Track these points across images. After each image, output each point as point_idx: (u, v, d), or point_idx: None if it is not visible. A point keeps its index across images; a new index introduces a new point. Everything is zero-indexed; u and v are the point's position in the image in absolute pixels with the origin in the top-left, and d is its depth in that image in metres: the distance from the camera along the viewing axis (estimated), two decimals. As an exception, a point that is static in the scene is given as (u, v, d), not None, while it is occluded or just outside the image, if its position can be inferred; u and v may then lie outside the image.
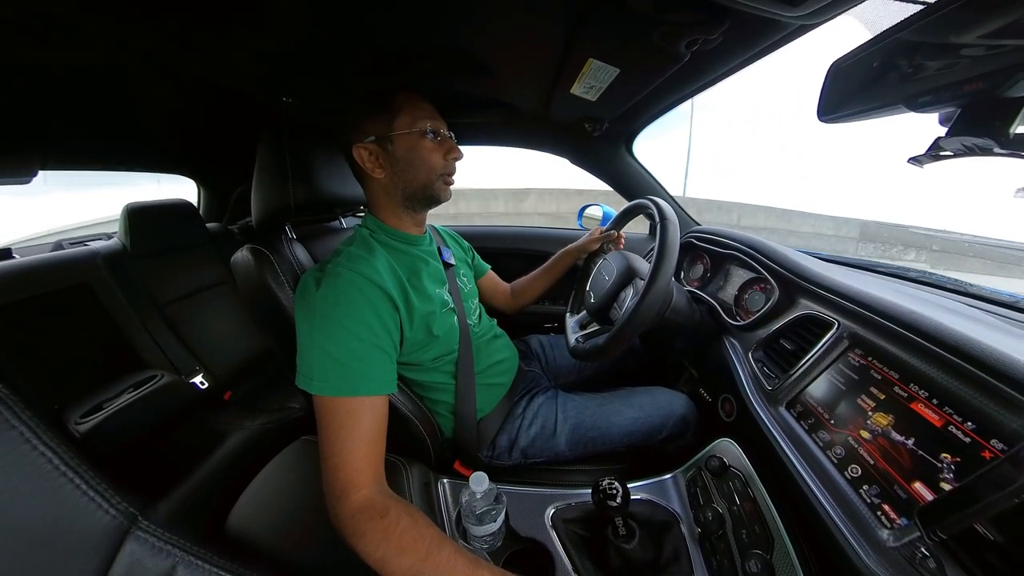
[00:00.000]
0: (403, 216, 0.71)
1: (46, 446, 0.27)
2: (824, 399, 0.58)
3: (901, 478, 0.44)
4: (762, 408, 0.65)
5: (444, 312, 0.69)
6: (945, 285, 0.79)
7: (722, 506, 0.59)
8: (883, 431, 0.48)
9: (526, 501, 0.65)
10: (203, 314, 1.33)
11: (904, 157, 0.45)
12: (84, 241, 1.36)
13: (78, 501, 0.28)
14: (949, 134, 0.39)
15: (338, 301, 0.54)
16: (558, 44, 0.65)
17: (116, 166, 1.37)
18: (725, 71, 0.74)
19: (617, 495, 0.55)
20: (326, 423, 0.51)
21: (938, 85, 0.37)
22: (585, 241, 1.01)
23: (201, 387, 1.22)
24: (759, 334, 0.75)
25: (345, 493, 0.48)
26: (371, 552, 0.45)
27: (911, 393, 0.47)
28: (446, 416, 0.75)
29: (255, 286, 0.69)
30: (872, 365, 0.53)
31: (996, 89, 0.33)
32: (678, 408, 0.80)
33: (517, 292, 1.05)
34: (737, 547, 0.54)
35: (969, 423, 0.41)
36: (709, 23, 0.51)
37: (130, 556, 0.28)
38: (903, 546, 0.41)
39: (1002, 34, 0.31)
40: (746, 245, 0.90)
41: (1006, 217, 1.57)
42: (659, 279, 0.64)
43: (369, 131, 0.63)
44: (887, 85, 0.42)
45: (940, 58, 0.35)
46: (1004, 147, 0.34)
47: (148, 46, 0.67)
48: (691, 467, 0.69)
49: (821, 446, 0.54)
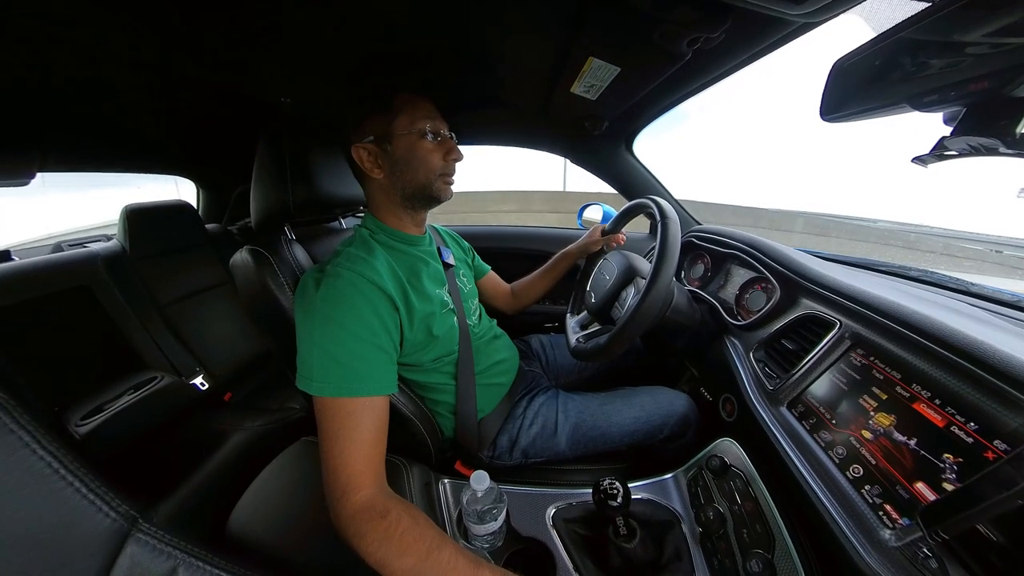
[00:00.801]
0: (403, 216, 0.71)
1: (45, 450, 0.27)
2: (826, 399, 0.58)
3: (903, 478, 0.44)
4: (763, 408, 0.65)
5: (444, 313, 0.69)
6: (947, 284, 0.79)
7: (723, 506, 0.59)
8: (885, 431, 0.48)
9: (527, 501, 0.65)
10: (203, 315, 1.33)
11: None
12: (83, 243, 1.36)
13: (78, 504, 0.28)
14: (954, 134, 0.38)
15: (338, 301, 0.54)
16: (558, 43, 0.64)
17: (115, 167, 1.37)
18: (726, 70, 0.73)
19: (618, 495, 0.55)
20: (326, 424, 0.51)
21: (943, 84, 0.36)
22: (586, 242, 1.01)
23: (201, 388, 1.22)
24: (760, 334, 0.75)
25: (345, 494, 0.48)
26: (372, 553, 0.45)
27: (913, 393, 0.47)
28: (447, 416, 0.75)
29: (254, 287, 0.68)
30: (874, 365, 0.53)
31: (1003, 88, 0.32)
32: (679, 408, 0.80)
33: (518, 293, 1.06)
34: (738, 546, 0.54)
35: (972, 423, 0.41)
36: (710, 21, 0.50)
37: (131, 558, 0.28)
38: (905, 546, 0.41)
39: (1008, 32, 0.30)
40: (747, 244, 0.90)
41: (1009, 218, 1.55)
42: (660, 278, 0.64)
43: (368, 131, 0.63)
44: (891, 84, 0.41)
45: (945, 57, 0.35)
46: (1010, 147, 0.34)
47: (148, 53, 0.67)
48: (692, 467, 0.69)
49: (823, 446, 0.54)
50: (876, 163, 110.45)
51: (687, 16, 0.50)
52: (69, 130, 1.04)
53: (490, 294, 1.03)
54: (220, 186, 1.67)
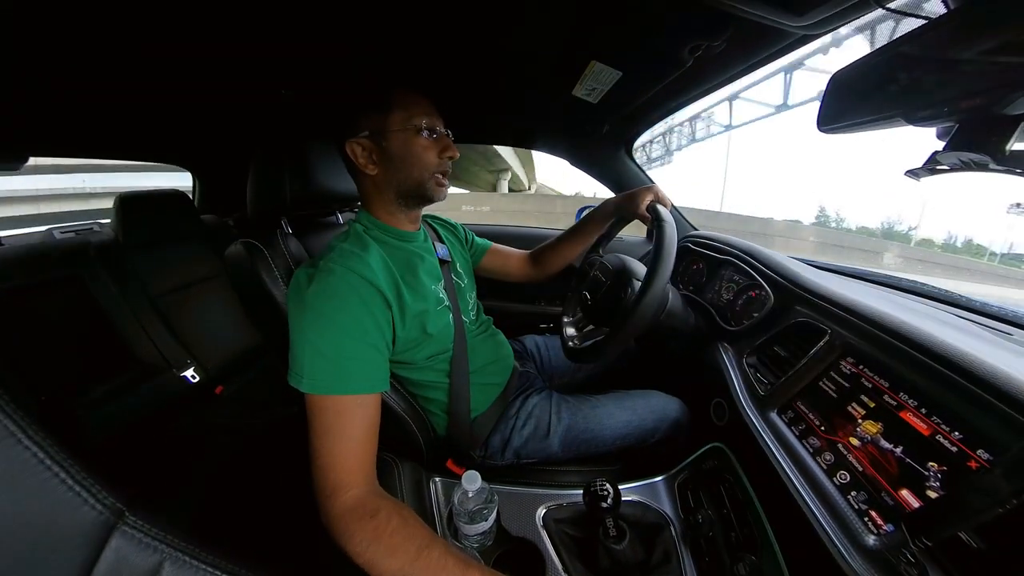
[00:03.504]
0: (397, 213, 0.70)
1: (31, 440, 0.27)
2: (815, 406, 0.58)
3: (889, 485, 0.44)
4: (754, 413, 0.65)
5: (439, 310, 0.68)
6: (937, 296, 0.81)
7: (712, 509, 0.60)
8: (872, 438, 0.48)
9: (518, 501, 0.65)
10: (196, 307, 1.32)
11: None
12: (76, 230, 1.34)
13: (63, 495, 0.27)
14: (946, 149, 0.39)
15: (330, 298, 0.54)
16: (561, 45, 0.65)
17: (111, 155, 1.35)
18: (726, 77, 0.74)
19: (608, 496, 0.55)
20: (317, 421, 0.51)
21: (936, 100, 0.37)
22: (626, 201, 0.85)
23: (192, 381, 1.20)
24: (753, 340, 0.76)
25: (335, 493, 0.48)
26: (360, 552, 0.44)
27: (900, 402, 0.48)
28: (439, 415, 0.74)
29: (249, 280, 0.68)
30: (863, 374, 0.54)
31: (993, 106, 0.33)
32: (671, 412, 0.80)
33: (540, 260, 0.98)
34: (726, 549, 0.54)
35: (956, 433, 0.41)
36: (712, 30, 0.51)
37: (116, 552, 0.28)
38: (889, 552, 0.41)
39: (1001, 51, 0.31)
40: (742, 251, 0.91)
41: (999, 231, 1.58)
42: (656, 281, 0.65)
43: (363, 126, 0.62)
44: (886, 98, 0.42)
45: (939, 73, 0.36)
46: (1000, 164, 0.35)
47: (147, 42, 0.66)
48: (683, 470, 0.70)
49: (811, 452, 0.55)
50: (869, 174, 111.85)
51: (690, 24, 0.50)
52: (64, 116, 1.02)
53: (501, 269, 0.98)
54: (217, 177, 1.65)
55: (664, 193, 0.85)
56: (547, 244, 0.99)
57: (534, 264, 1.00)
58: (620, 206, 0.87)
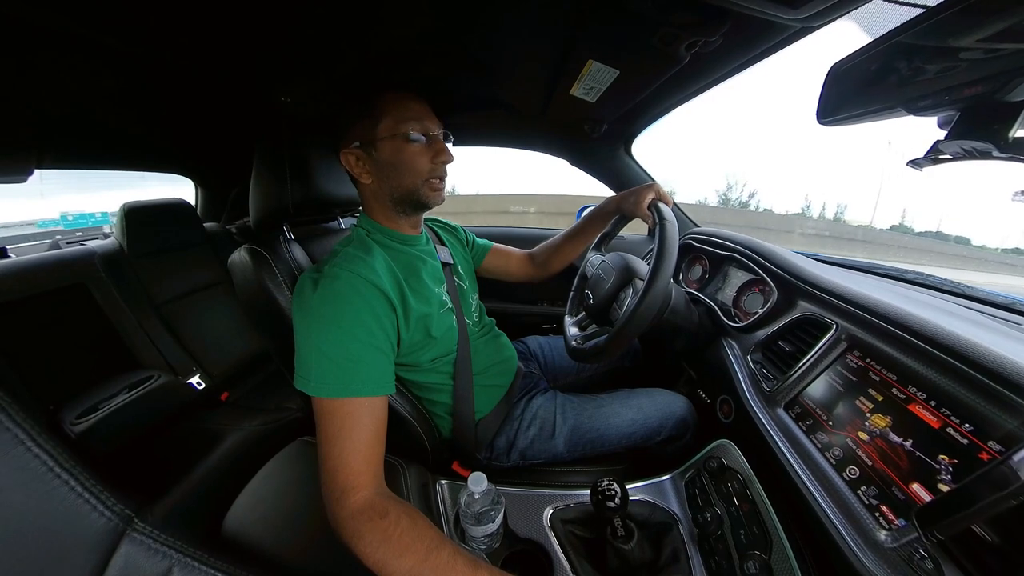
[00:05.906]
0: (396, 219, 0.70)
1: (40, 448, 0.27)
2: (822, 400, 0.58)
3: (899, 479, 0.44)
4: (760, 409, 0.65)
5: (443, 313, 0.69)
6: (942, 287, 0.80)
7: (720, 507, 0.59)
8: (881, 432, 0.48)
9: (524, 502, 0.65)
10: (200, 314, 1.33)
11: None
12: (81, 240, 1.35)
13: (73, 503, 0.27)
14: (948, 137, 0.39)
15: (335, 302, 0.54)
16: (558, 45, 0.65)
17: (113, 165, 1.36)
18: (725, 73, 0.74)
19: (616, 496, 0.55)
20: (324, 425, 0.51)
21: (937, 88, 0.37)
22: (627, 198, 0.83)
23: (198, 388, 1.21)
24: (757, 336, 0.75)
25: (344, 495, 0.48)
26: (370, 553, 0.44)
27: (909, 395, 0.47)
28: (444, 417, 0.74)
29: (252, 287, 0.68)
30: (870, 367, 0.54)
31: (995, 93, 0.33)
32: (677, 410, 0.80)
33: (542, 260, 0.98)
34: (736, 548, 0.54)
35: (967, 425, 0.41)
36: (709, 25, 0.51)
37: (125, 558, 0.28)
38: (901, 547, 0.41)
39: (1001, 38, 0.31)
40: (745, 247, 0.90)
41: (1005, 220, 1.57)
42: (659, 279, 0.64)
43: (354, 135, 0.63)
44: (886, 88, 0.42)
45: (939, 62, 0.36)
46: (1003, 151, 0.34)
47: (147, 51, 0.67)
48: (690, 468, 0.69)
49: (819, 447, 0.54)
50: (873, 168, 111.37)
51: (686, 20, 0.50)
52: (68, 127, 1.04)
53: (502, 270, 0.98)
54: (219, 185, 1.66)
55: (665, 191, 0.85)
56: (548, 243, 0.99)
57: (535, 264, 1.00)
58: (621, 204, 0.87)
